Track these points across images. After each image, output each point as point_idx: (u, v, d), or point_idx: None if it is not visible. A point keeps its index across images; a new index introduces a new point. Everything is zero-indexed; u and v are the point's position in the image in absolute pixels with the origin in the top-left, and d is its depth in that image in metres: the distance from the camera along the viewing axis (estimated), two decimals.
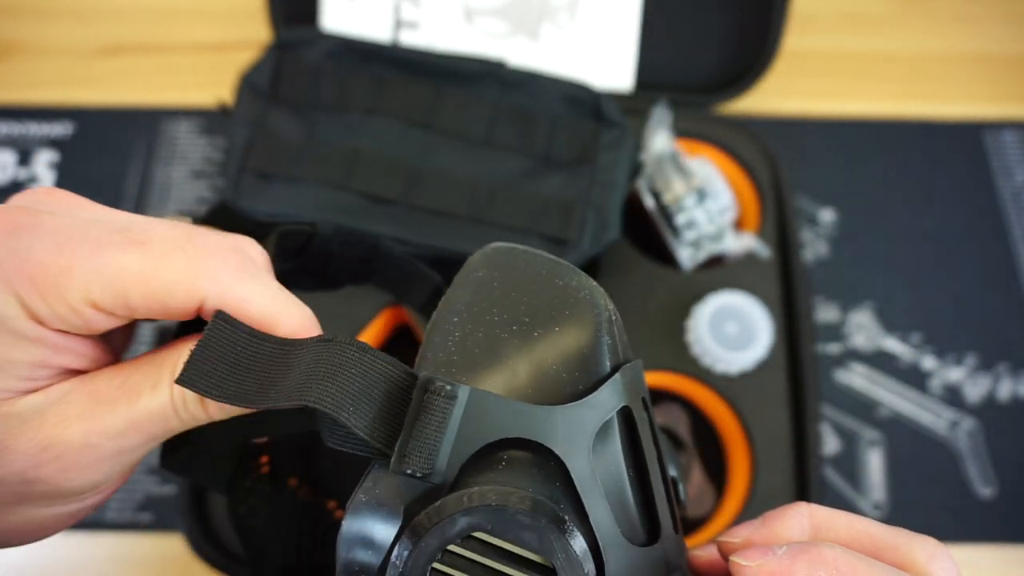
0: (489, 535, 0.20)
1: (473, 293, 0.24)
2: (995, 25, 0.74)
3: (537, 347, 0.23)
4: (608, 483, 0.22)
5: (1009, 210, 0.65)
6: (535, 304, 0.24)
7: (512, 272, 0.25)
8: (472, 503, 0.20)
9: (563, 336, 0.23)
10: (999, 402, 0.58)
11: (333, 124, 0.52)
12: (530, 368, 0.23)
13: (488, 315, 0.23)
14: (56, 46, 0.72)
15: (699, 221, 0.54)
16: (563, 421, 0.21)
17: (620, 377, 0.23)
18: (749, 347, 0.51)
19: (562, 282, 0.24)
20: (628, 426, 0.23)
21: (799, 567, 0.20)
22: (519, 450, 0.22)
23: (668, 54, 0.63)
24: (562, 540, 0.20)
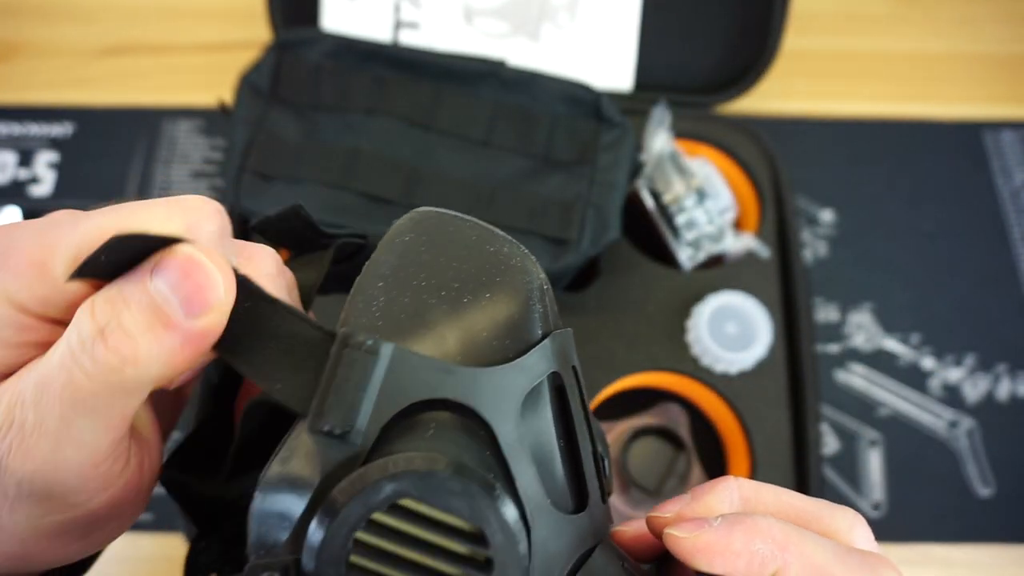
0: (416, 502, 0.19)
1: (399, 257, 0.23)
2: (995, 25, 0.74)
3: (466, 313, 0.22)
4: (536, 449, 0.22)
5: (1008, 210, 0.65)
6: (465, 270, 0.23)
7: (441, 237, 0.23)
8: (398, 468, 0.19)
9: (493, 302, 0.22)
10: (998, 402, 0.59)
11: (333, 124, 0.52)
12: (459, 334, 0.22)
13: (415, 280, 0.22)
14: (57, 47, 0.72)
15: (699, 221, 0.54)
16: (490, 383, 0.21)
17: (550, 343, 0.22)
18: (749, 347, 0.51)
19: (493, 248, 0.23)
20: (558, 394, 0.23)
21: (736, 537, 0.21)
22: (445, 413, 0.21)
23: (668, 54, 0.63)
24: (493, 507, 0.19)
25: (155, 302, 0.19)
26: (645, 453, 0.53)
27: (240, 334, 0.21)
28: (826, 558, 0.21)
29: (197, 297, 0.19)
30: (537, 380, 0.22)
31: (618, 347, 0.53)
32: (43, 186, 0.65)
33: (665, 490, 0.51)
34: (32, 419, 0.19)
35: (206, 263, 0.19)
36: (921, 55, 0.73)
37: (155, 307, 0.19)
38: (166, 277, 0.19)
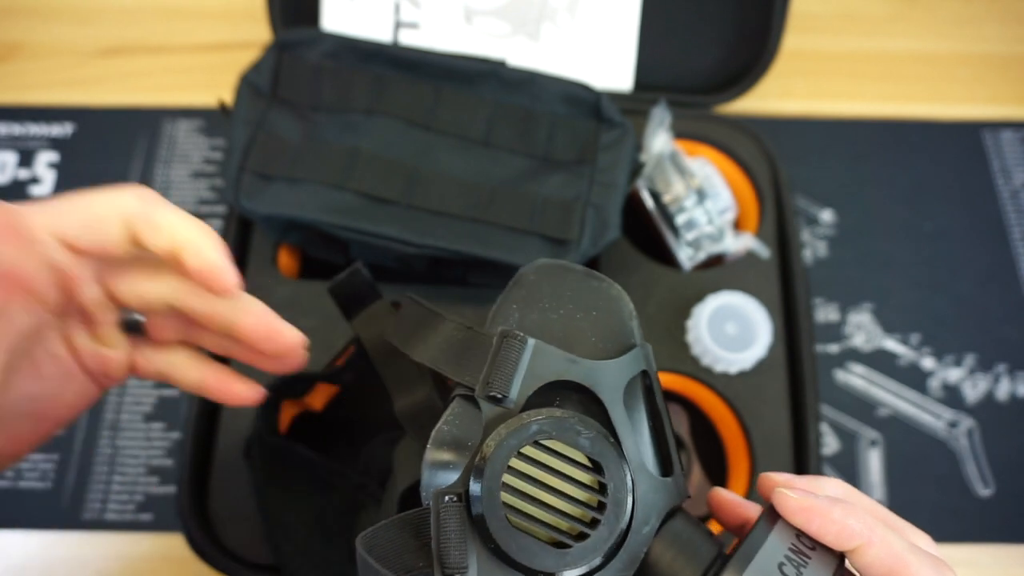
0: (553, 440, 0.26)
1: (527, 290, 0.30)
2: (994, 26, 0.74)
3: (580, 324, 0.29)
4: (634, 426, 0.28)
5: (1008, 210, 0.65)
6: (576, 297, 0.30)
7: (556, 277, 0.31)
8: (540, 416, 0.26)
9: (600, 317, 0.30)
10: (998, 402, 0.59)
11: (333, 124, 0.52)
12: (574, 337, 0.29)
13: (540, 304, 0.30)
14: (56, 47, 0.72)
15: (699, 221, 0.54)
16: (603, 372, 0.28)
17: (640, 349, 0.29)
18: (749, 347, 0.51)
19: (596, 283, 0.31)
20: (647, 388, 0.30)
21: (836, 509, 0.25)
22: (570, 392, 0.28)
23: (668, 54, 0.63)
24: (608, 445, 0.26)
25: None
26: None
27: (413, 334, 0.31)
28: (902, 548, 0.25)
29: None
30: (634, 374, 0.29)
31: None
32: (43, 186, 0.65)
33: None
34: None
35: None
36: (921, 55, 0.73)
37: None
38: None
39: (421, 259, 0.51)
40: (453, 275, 0.53)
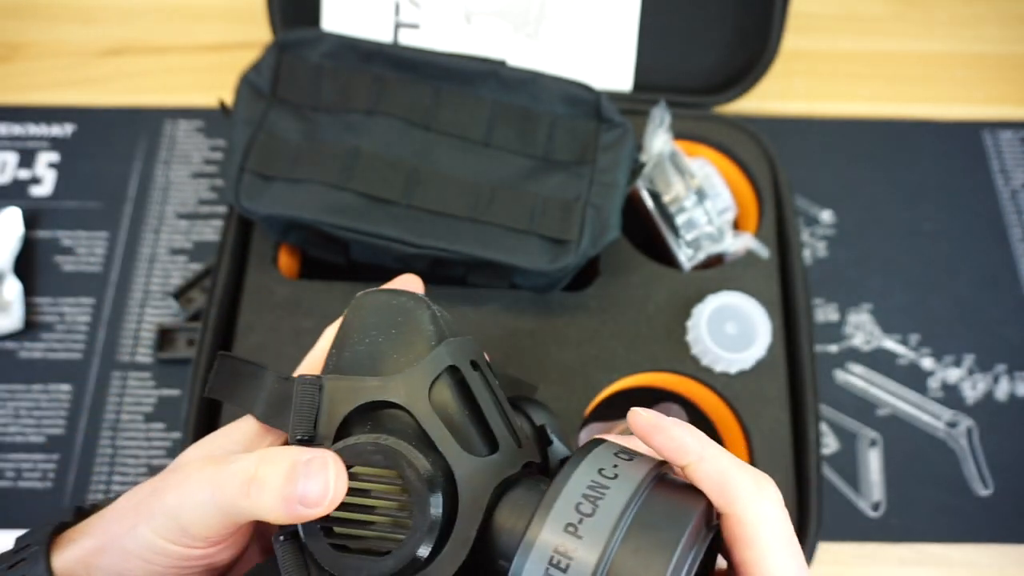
0: (358, 467, 0.28)
1: (343, 331, 0.33)
2: (993, 26, 0.74)
3: (382, 346, 0.32)
4: (449, 418, 0.30)
5: (1008, 210, 0.65)
6: (377, 322, 0.32)
7: (364, 308, 0.33)
8: (336, 448, 0.28)
9: (398, 333, 0.32)
10: (997, 402, 0.59)
11: (333, 124, 0.52)
12: (379, 361, 0.31)
13: (350, 339, 0.32)
14: (57, 47, 0.72)
15: (699, 221, 0.54)
16: (400, 383, 0.30)
17: (443, 348, 0.31)
18: (748, 347, 0.51)
19: (395, 301, 0.33)
20: (459, 380, 0.31)
21: (676, 428, 0.28)
22: (380, 411, 0.30)
23: (667, 55, 0.63)
24: (397, 454, 0.28)
25: (293, 485, 0.27)
26: None
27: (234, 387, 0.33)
28: (729, 463, 0.27)
29: (315, 497, 0.27)
30: (436, 373, 0.30)
31: (618, 347, 0.53)
32: (43, 186, 0.65)
33: None
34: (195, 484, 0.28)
35: (330, 478, 0.27)
36: (921, 55, 0.73)
37: (290, 487, 0.27)
38: (308, 474, 0.27)
39: (421, 259, 0.51)
40: (453, 275, 0.53)
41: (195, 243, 0.63)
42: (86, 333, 0.60)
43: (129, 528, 0.28)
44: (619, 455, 0.28)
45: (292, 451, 0.28)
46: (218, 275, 0.54)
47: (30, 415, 0.57)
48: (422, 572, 0.27)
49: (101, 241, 0.63)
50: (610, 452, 0.28)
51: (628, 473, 0.27)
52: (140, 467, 0.56)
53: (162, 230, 0.64)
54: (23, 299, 0.60)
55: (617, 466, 0.27)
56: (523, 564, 0.26)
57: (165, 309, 0.61)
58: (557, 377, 0.51)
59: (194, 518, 0.28)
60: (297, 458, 0.27)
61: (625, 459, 0.28)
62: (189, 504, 0.28)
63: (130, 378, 0.58)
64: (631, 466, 0.28)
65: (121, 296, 0.61)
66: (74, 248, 0.63)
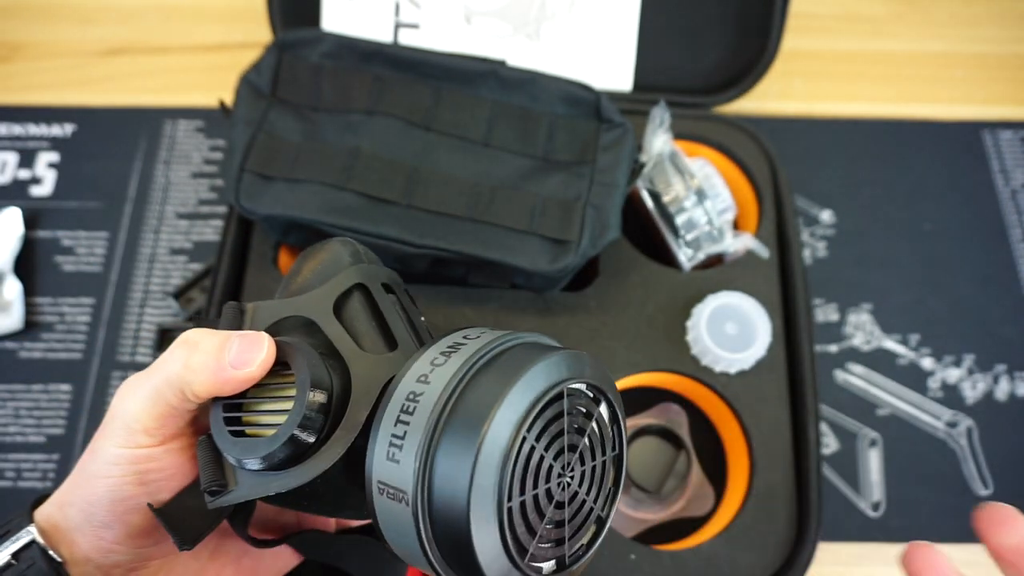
0: None
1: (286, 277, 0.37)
2: (993, 26, 0.74)
3: (307, 278, 0.35)
4: (354, 326, 0.33)
5: (1008, 210, 0.65)
6: (307, 262, 0.36)
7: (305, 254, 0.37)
8: None
9: (320, 266, 0.35)
10: (997, 402, 0.59)
11: (333, 124, 0.52)
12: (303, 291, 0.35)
13: (289, 279, 0.36)
14: (57, 47, 0.72)
15: (699, 221, 0.54)
16: (308, 300, 0.34)
17: (351, 269, 0.35)
18: (748, 347, 0.51)
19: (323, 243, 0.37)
20: (366, 295, 0.35)
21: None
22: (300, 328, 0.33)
23: (667, 55, 0.63)
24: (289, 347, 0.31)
25: (223, 345, 0.30)
26: (645, 453, 0.53)
27: None
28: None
29: (245, 357, 0.30)
30: (342, 289, 0.34)
31: (618, 347, 0.53)
32: (44, 186, 0.65)
33: (665, 490, 0.52)
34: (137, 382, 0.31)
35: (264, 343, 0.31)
36: (921, 55, 0.73)
37: (221, 347, 0.30)
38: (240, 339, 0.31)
39: (421, 259, 0.51)
40: (454, 275, 0.53)
41: (195, 243, 0.63)
42: (86, 333, 0.60)
43: (90, 453, 0.31)
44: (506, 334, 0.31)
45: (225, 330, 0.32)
46: (218, 275, 0.54)
47: (30, 415, 0.57)
48: (314, 454, 0.30)
49: (101, 241, 0.63)
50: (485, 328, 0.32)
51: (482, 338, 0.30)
52: None
53: (162, 230, 0.64)
54: (23, 299, 0.60)
55: (481, 336, 0.30)
56: (383, 412, 0.28)
57: (165, 309, 0.61)
58: None
59: (136, 411, 0.31)
60: (231, 332, 0.31)
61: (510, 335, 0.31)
62: (130, 400, 0.31)
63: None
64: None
65: (121, 296, 0.61)
66: (74, 248, 0.63)
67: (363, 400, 0.30)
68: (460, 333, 0.31)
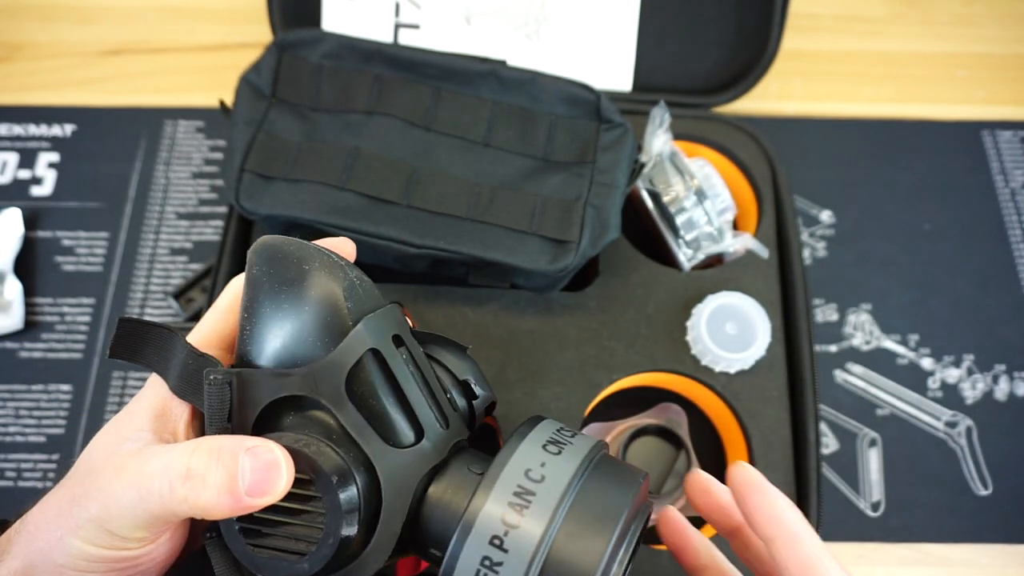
0: None
1: (251, 289, 0.30)
2: (993, 26, 0.74)
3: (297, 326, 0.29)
4: (368, 408, 0.29)
5: (1008, 210, 0.65)
6: (291, 291, 0.29)
7: (274, 264, 0.29)
8: None
9: (313, 310, 0.29)
10: (996, 402, 0.59)
11: (333, 124, 0.52)
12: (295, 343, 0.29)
13: (261, 308, 0.29)
14: (57, 47, 0.72)
15: (698, 221, 0.54)
16: (316, 374, 0.28)
17: (362, 327, 0.29)
18: (748, 347, 0.51)
19: (308, 267, 0.29)
20: (380, 361, 0.30)
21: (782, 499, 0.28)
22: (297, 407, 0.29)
23: (667, 55, 0.63)
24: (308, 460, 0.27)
25: (235, 475, 0.26)
26: (645, 453, 0.53)
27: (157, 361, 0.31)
28: (825, 552, 0.26)
29: (264, 486, 0.26)
30: (356, 358, 0.28)
31: (618, 347, 0.53)
32: (44, 186, 0.65)
33: (665, 490, 0.52)
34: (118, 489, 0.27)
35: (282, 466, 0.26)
36: (921, 55, 0.73)
37: (233, 478, 0.26)
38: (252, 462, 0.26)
39: (421, 260, 0.51)
40: (454, 275, 0.53)
41: (195, 243, 0.63)
42: (86, 333, 0.60)
43: (56, 541, 0.27)
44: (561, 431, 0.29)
45: (227, 440, 0.27)
46: (218, 275, 0.54)
47: (30, 415, 0.57)
48: (348, 567, 0.28)
49: (101, 241, 0.63)
50: (551, 429, 0.29)
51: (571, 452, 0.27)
52: None
53: (162, 230, 0.64)
54: (23, 299, 0.60)
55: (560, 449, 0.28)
56: (461, 547, 0.26)
57: (165, 309, 0.61)
58: (557, 377, 0.51)
59: (123, 523, 0.27)
60: (236, 448, 0.26)
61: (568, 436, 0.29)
62: (115, 510, 0.27)
63: (130, 378, 0.58)
64: (574, 446, 0.28)
65: (121, 296, 0.61)
66: (74, 248, 0.63)
67: (396, 506, 0.28)
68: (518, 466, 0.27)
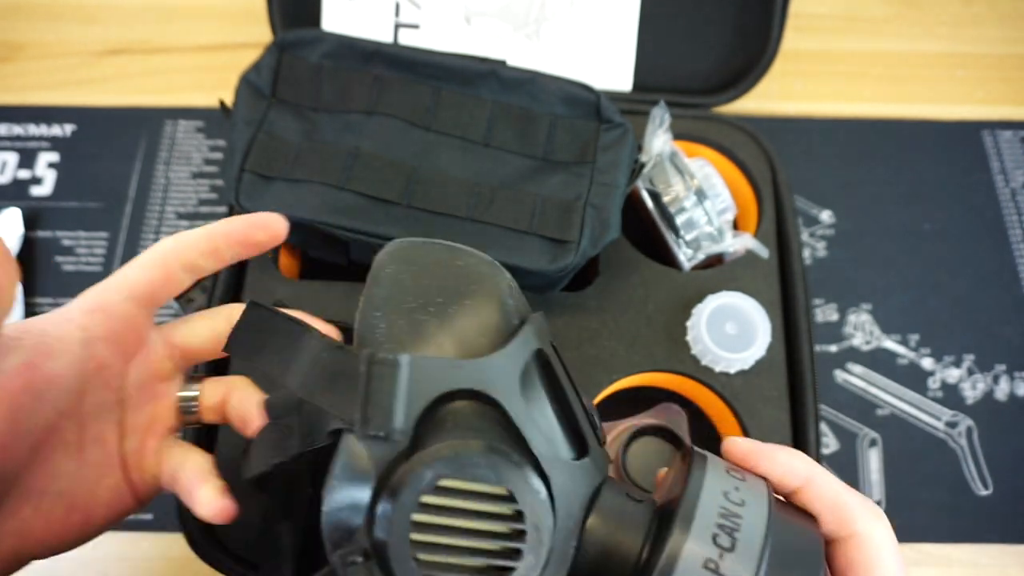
0: (453, 480, 0.23)
1: (388, 288, 0.27)
2: (993, 26, 0.74)
3: (454, 321, 0.26)
4: (538, 414, 0.26)
5: (1008, 210, 0.65)
6: (444, 286, 0.27)
7: (416, 263, 0.28)
8: (433, 457, 0.23)
9: (475, 304, 0.27)
10: (997, 402, 0.59)
11: (333, 124, 0.52)
12: (452, 339, 0.26)
13: (405, 304, 0.27)
14: (57, 47, 0.72)
15: (698, 221, 0.54)
16: (491, 368, 0.25)
17: (529, 326, 0.27)
18: (748, 347, 0.51)
19: (462, 262, 0.28)
20: (544, 366, 0.27)
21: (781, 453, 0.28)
22: (461, 402, 0.25)
23: (667, 55, 0.63)
24: (512, 468, 0.24)
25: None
26: (645, 453, 0.53)
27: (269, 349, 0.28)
28: (840, 486, 0.27)
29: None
30: (527, 358, 0.26)
31: (618, 347, 0.53)
32: (43, 186, 0.65)
33: None
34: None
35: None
36: (921, 55, 0.73)
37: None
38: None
39: None
40: None
41: None
42: None
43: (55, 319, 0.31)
44: (731, 473, 0.27)
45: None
46: (218, 275, 0.54)
47: None
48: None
49: (101, 241, 0.63)
50: (722, 468, 0.27)
51: (752, 495, 0.26)
52: None
53: (162, 230, 0.64)
54: (23, 299, 0.60)
55: (739, 488, 0.26)
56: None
57: (165, 309, 0.61)
58: None
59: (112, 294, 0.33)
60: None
61: (738, 477, 0.27)
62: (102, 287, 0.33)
63: None
64: (750, 486, 0.26)
65: None
66: (74, 248, 0.63)
67: (568, 526, 0.25)
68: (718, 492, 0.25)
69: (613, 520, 0.26)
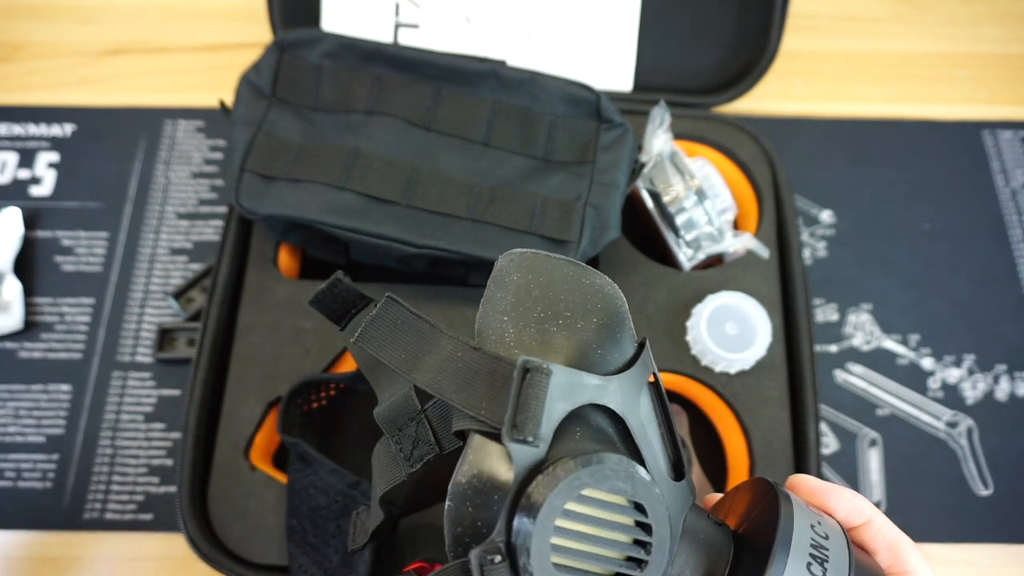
0: (594, 490, 0.25)
1: (514, 295, 0.28)
2: (993, 26, 0.74)
3: (583, 335, 0.28)
4: (651, 434, 0.28)
5: (1008, 210, 0.65)
6: (572, 301, 0.28)
7: (544, 275, 0.29)
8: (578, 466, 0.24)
9: (602, 322, 0.28)
10: (997, 402, 0.59)
11: (333, 124, 0.52)
12: (579, 352, 0.27)
13: (534, 312, 0.28)
14: (57, 47, 0.72)
15: (699, 221, 0.54)
16: (620, 388, 0.27)
17: (647, 353, 0.28)
18: (748, 347, 0.51)
19: (588, 281, 0.29)
20: (656, 389, 0.29)
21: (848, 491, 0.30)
22: (591, 414, 0.27)
23: (667, 55, 0.63)
24: (645, 484, 0.25)
25: None
26: None
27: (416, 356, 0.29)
28: (897, 528, 0.30)
29: None
30: (646, 380, 0.28)
31: None
32: (43, 186, 0.65)
33: None
34: None
35: None
36: (921, 55, 0.73)
37: None
38: None
39: (421, 259, 0.51)
40: (454, 275, 0.53)
41: (195, 243, 0.63)
42: (86, 333, 0.60)
43: None
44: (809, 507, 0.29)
45: None
46: (218, 275, 0.54)
47: (30, 415, 0.57)
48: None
49: (101, 241, 0.63)
50: (802, 502, 0.29)
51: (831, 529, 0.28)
52: (140, 467, 0.56)
53: (162, 230, 0.64)
54: (23, 299, 0.60)
55: (820, 523, 0.28)
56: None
57: (165, 309, 0.61)
58: None
59: None
60: None
61: (815, 512, 0.29)
62: None
63: (130, 378, 0.58)
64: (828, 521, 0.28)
65: (121, 296, 0.61)
66: (74, 248, 0.63)
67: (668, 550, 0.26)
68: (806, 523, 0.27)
69: (697, 543, 0.27)
